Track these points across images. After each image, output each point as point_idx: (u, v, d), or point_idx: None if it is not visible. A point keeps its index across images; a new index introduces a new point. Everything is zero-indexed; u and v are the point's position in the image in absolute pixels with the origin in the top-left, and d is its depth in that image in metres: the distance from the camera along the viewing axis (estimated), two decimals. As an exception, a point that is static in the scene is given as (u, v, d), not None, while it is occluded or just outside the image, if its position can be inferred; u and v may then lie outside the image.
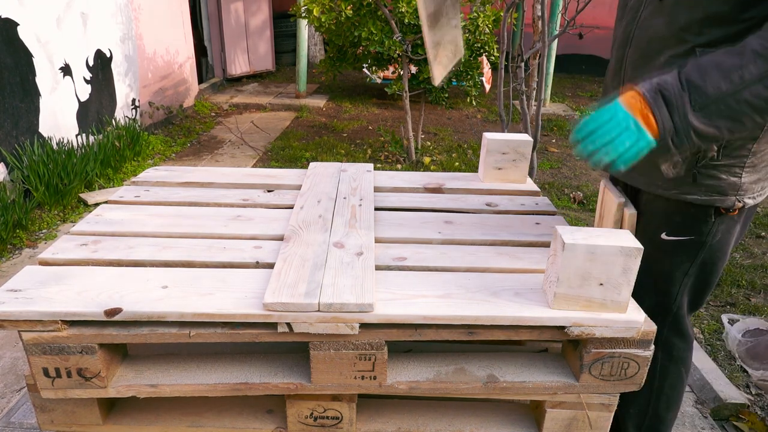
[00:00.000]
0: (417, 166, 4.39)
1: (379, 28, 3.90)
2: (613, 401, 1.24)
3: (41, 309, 1.08)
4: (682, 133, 0.97)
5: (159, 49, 5.30)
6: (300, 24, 6.13)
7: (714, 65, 0.94)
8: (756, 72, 0.91)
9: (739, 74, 0.92)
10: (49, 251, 1.31)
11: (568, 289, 1.08)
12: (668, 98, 0.96)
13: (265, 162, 4.57)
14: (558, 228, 1.10)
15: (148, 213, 1.53)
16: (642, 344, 1.15)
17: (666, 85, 0.97)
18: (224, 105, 6.37)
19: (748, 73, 0.91)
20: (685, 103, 0.95)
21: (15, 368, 2.05)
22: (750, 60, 0.91)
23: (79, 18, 4.00)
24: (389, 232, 1.46)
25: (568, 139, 5.49)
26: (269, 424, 1.28)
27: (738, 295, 2.67)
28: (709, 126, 0.95)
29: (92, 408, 1.23)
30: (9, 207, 3.03)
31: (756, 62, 0.91)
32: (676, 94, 0.96)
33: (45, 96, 3.63)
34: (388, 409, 1.34)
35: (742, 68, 0.92)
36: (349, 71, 7.33)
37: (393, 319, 1.10)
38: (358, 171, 1.85)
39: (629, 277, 1.07)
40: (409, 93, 4.27)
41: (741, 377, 2.12)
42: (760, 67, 0.91)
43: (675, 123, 0.96)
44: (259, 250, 1.34)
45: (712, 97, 0.94)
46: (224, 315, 1.10)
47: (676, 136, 0.97)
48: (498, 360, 1.27)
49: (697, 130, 0.96)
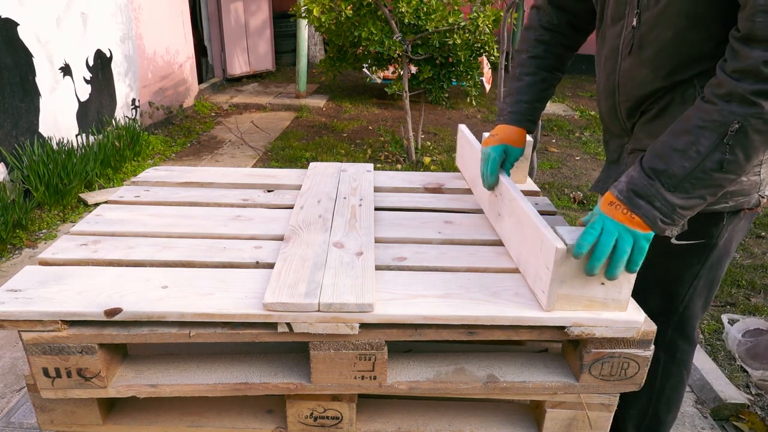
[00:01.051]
0: (417, 166, 4.39)
1: (379, 28, 3.90)
2: (613, 401, 1.24)
3: (41, 309, 1.08)
4: (669, 214, 1.01)
5: (159, 49, 5.30)
6: (300, 24, 6.13)
7: (670, 149, 1.00)
8: (708, 143, 0.96)
9: (695, 149, 0.97)
10: (49, 251, 1.31)
11: (570, 289, 1.08)
12: (641, 192, 1.02)
13: (265, 162, 4.57)
14: (558, 228, 1.10)
15: (148, 213, 1.53)
16: (642, 344, 1.15)
17: (635, 182, 1.03)
18: (224, 105, 6.37)
19: (703, 147, 0.97)
20: (659, 190, 1.00)
21: (15, 368, 2.05)
22: (698, 135, 0.97)
23: (79, 18, 4.00)
24: (389, 232, 1.46)
25: (568, 139, 5.49)
26: (269, 424, 1.28)
27: (738, 295, 2.67)
28: (690, 199, 1.00)
29: (92, 408, 1.23)
30: (9, 207, 3.03)
31: (704, 135, 0.96)
32: (647, 185, 1.01)
33: (45, 96, 3.63)
34: (388, 409, 1.33)
35: (695, 144, 0.97)
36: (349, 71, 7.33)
37: (393, 319, 1.10)
38: (358, 171, 1.85)
39: (629, 276, 1.07)
40: (409, 93, 4.27)
41: (741, 377, 2.12)
42: (709, 139, 0.96)
43: (659, 209, 1.01)
44: (259, 250, 1.34)
45: (680, 176, 0.99)
46: (224, 315, 1.10)
47: (666, 218, 1.01)
48: (498, 360, 1.27)
49: (682, 206, 1.01)
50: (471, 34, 3.97)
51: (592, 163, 4.82)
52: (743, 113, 0.93)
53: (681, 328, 1.37)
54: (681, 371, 1.42)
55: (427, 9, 3.94)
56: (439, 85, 4.32)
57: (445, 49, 4.03)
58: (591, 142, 5.39)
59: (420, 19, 3.93)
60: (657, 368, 1.40)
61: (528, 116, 1.47)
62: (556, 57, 1.45)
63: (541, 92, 1.46)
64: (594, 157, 4.98)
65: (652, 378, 1.39)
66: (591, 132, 5.71)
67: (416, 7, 3.90)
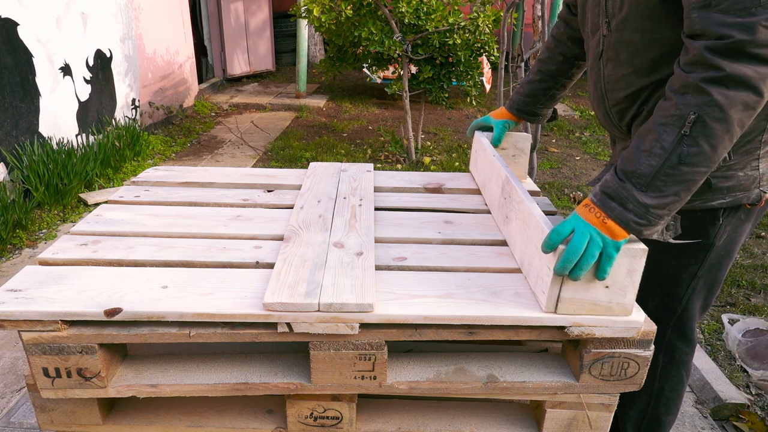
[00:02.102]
0: (417, 166, 4.39)
1: (379, 28, 3.90)
2: (613, 401, 1.24)
3: (41, 309, 1.08)
4: (643, 215, 1.01)
5: (159, 49, 5.30)
6: (300, 24, 6.13)
7: (637, 150, 1.02)
8: (670, 139, 0.98)
9: (660, 146, 0.98)
10: (49, 251, 1.31)
11: (574, 293, 1.08)
12: (612, 194, 1.02)
13: (265, 162, 4.57)
14: None
15: (148, 213, 1.53)
16: (642, 344, 1.15)
17: (607, 185, 1.04)
18: (224, 105, 6.37)
19: (666, 143, 0.98)
20: (630, 191, 1.00)
21: (15, 368, 2.05)
22: (661, 132, 0.99)
23: (79, 18, 4.00)
24: (389, 232, 1.46)
25: (568, 139, 5.49)
26: (269, 424, 1.28)
27: (738, 295, 2.67)
28: (663, 197, 1.00)
29: (92, 408, 1.23)
30: (9, 207, 3.03)
31: (665, 131, 0.98)
32: (618, 187, 1.02)
33: (45, 96, 3.63)
34: (388, 409, 1.33)
35: (659, 141, 0.99)
36: (349, 71, 7.33)
37: (393, 319, 1.10)
38: (358, 171, 1.85)
39: (634, 279, 1.06)
40: (409, 93, 4.27)
41: (741, 377, 2.12)
42: (671, 134, 0.98)
43: (632, 210, 1.00)
44: (259, 250, 1.34)
45: (649, 175, 0.99)
46: (224, 315, 1.10)
47: (640, 219, 1.01)
48: (498, 360, 1.27)
49: (655, 205, 1.00)
50: (471, 34, 3.97)
51: (592, 163, 4.83)
52: (697, 103, 0.95)
53: (680, 329, 1.37)
54: (680, 372, 1.42)
55: (427, 9, 3.94)
56: (439, 85, 4.32)
57: (445, 49, 4.03)
58: (591, 142, 5.39)
59: (420, 19, 3.93)
60: (656, 369, 1.40)
61: (517, 105, 1.66)
62: (557, 64, 1.59)
63: (538, 91, 1.63)
64: (594, 157, 4.98)
65: (651, 379, 1.39)
66: (591, 132, 5.71)
67: (416, 7, 3.89)
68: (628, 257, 1.04)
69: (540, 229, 1.15)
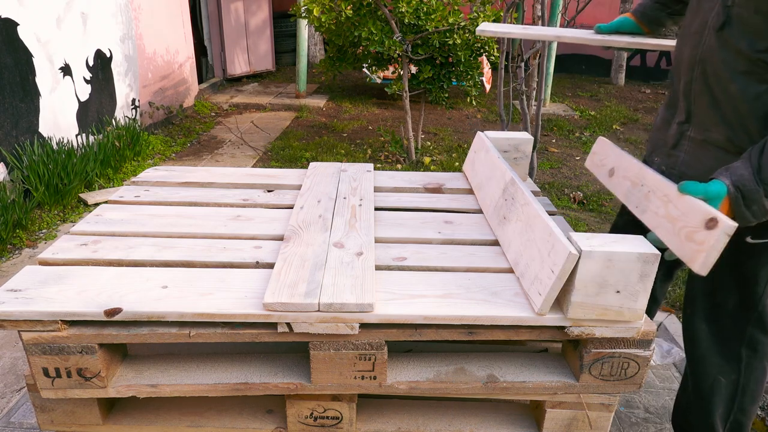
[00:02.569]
0: (417, 166, 4.39)
1: (379, 28, 3.90)
2: (613, 401, 1.24)
3: (41, 309, 1.08)
4: (759, 217, 1.12)
5: (159, 48, 5.30)
6: (300, 24, 6.13)
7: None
8: None
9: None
10: (49, 251, 1.31)
11: (585, 297, 1.08)
12: (746, 194, 1.11)
13: (265, 162, 4.57)
14: (573, 235, 1.09)
15: (148, 213, 1.53)
16: (642, 344, 1.15)
17: (744, 181, 1.11)
18: (224, 105, 6.37)
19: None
20: (761, 195, 1.10)
21: (15, 368, 2.05)
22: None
23: (79, 18, 4.00)
24: (389, 232, 1.46)
25: (568, 139, 5.49)
26: (269, 424, 1.28)
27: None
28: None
29: (92, 408, 1.23)
30: (9, 207, 3.03)
31: None
32: (754, 191, 1.10)
33: (45, 96, 3.63)
34: (388, 409, 1.33)
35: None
36: (349, 71, 7.33)
37: (393, 319, 1.10)
38: (358, 171, 1.85)
39: (646, 284, 1.06)
40: (409, 93, 4.27)
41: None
42: None
43: (753, 212, 1.11)
44: (259, 250, 1.34)
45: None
46: (224, 315, 1.10)
47: (753, 219, 1.12)
48: (498, 360, 1.27)
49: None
50: (471, 34, 3.97)
51: (592, 163, 4.81)
52: None
53: (760, 323, 1.39)
54: (763, 364, 1.44)
55: (427, 9, 3.94)
56: (439, 85, 4.32)
57: (445, 49, 4.03)
58: (591, 142, 5.39)
59: (420, 19, 3.93)
60: (740, 364, 1.42)
61: (643, 8, 1.61)
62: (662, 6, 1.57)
63: (665, 2, 1.58)
64: (594, 157, 4.97)
65: (736, 374, 1.42)
66: (591, 132, 5.71)
67: (416, 7, 3.89)
68: (640, 262, 1.04)
69: (547, 231, 1.14)
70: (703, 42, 1.26)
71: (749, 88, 1.18)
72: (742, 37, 1.17)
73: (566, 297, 1.09)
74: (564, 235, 1.10)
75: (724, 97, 1.22)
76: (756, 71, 1.16)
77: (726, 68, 1.21)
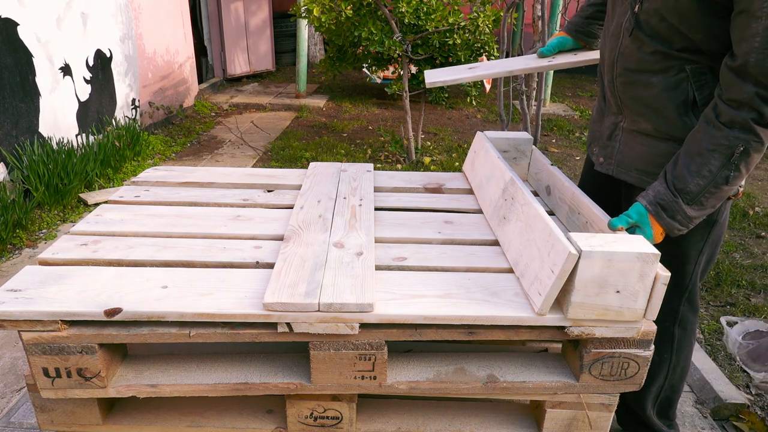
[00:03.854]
0: (417, 166, 4.39)
1: (379, 28, 3.90)
2: (613, 401, 1.24)
3: (41, 309, 1.08)
4: (685, 224, 1.22)
5: (159, 48, 5.30)
6: (300, 24, 6.13)
7: (686, 170, 1.19)
8: (718, 164, 1.16)
9: (708, 169, 1.17)
10: (49, 251, 1.31)
11: (585, 297, 1.08)
12: (666, 206, 1.21)
13: (265, 162, 4.57)
14: (573, 235, 1.09)
15: (148, 213, 1.53)
16: (642, 344, 1.15)
17: (661, 197, 1.22)
18: (224, 105, 6.37)
19: (713, 167, 1.16)
20: (680, 205, 1.20)
21: (15, 368, 2.05)
22: (709, 157, 1.16)
23: (79, 18, 4.00)
24: (389, 232, 1.46)
25: (568, 139, 5.49)
26: (269, 424, 1.28)
27: (738, 295, 2.67)
28: (703, 209, 1.21)
29: (92, 408, 1.23)
30: (9, 207, 3.03)
31: (714, 157, 1.16)
32: (671, 201, 1.20)
33: (45, 96, 3.63)
34: (388, 409, 1.34)
35: (707, 165, 1.16)
36: (349, 71, 7.33)
37: (393, 319, 1.10)
38: (358, 171, 1.85)
39: (646, 284, 1.06)
40: (409, 93, 4.27)
41: (741, 377, 2.12)
42: (718, 160, 1.16)
43: (679, 221, 1.21)
44: (259, 250, 1.34)
45: (695, 192, 1.19)
46: (224, 315, 1.10)
47: (681, 226, 1.22)
48: (498, 360, 1.27)
49: (695, 216, 1.21)
50: (471, 34, 3.96)
51: (592, 163, 4.81)
52: (745, 138, 1.13)
53: (690, 301, 1.45)
54: (691, 340, 1.51)
55: (427, 9, 3.94)
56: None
57: (445, 49, 4.03)
58: (591, 142, 5.37)
59: (420, 19, 3.93)
60: (672, 343, 1.48)
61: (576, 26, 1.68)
62: None
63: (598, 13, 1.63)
64: (594, 157, 4.97)
65: (668, 353, 1.48)
66: (591, 132, 5.70)
67: (416, 7, 3.89)
68: (640, 262, 1.04)
69: (547, 231, 1.14)
70: (620, 43, 1.34)
71: (668, 79, 1.26)
72: (654, 39, 1.25)
73: (566, 297, 1.09)
74: (564, 235, 1.10)
75: (645, 90, 1.30)
76: (672, 65, 1.25)
77: (644, 65, 1.29)
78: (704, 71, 1.23)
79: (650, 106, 1.31)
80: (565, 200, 1.48)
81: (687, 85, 1.24)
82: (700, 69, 1.23)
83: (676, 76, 1.25)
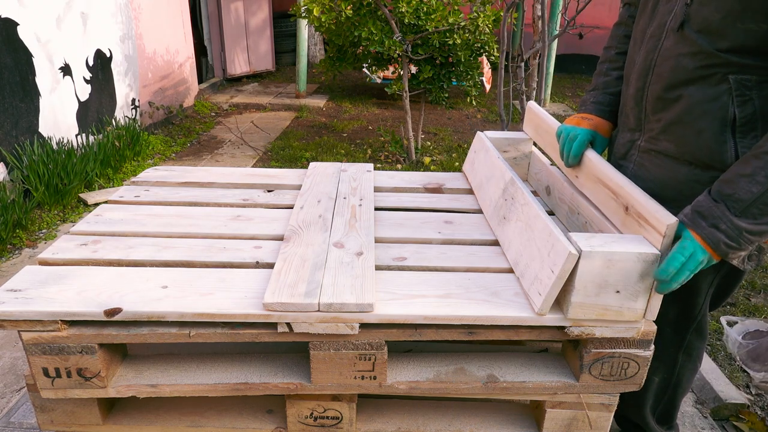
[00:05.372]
0: (417, 166, 4.39)
1: (379, 28, 3.90)
2: (613, 401, 1.24)
3: (41, 309, 1.08)
4: (735, 237, 1.02)
5: (159, 48, 5.30)
6: (300, 24, 6.13)
7: (737, 175, 1.02)
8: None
9: (764, 174, 0.99)
10: (49, 251, 1.31)
11: (585, 297, 1.08)
12: (705, 213, 1.04)
13: (265, 162, 4.57)
14: (573, 235, 1.09)
15: (148, 213, 1.53)
16: (642, 344, 1.15)
17: (699, 204, 1.05)
18: (224, 105, 6.37)
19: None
20: (724, 212, 1.02)
21: (15, 368, 2.05)
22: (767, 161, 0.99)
23: (79, 18, 3.99)
24: (389, 232, 1.46)
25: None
26: (269, 424, 1.28)
27: (738, 295, 2.67)
28: (758, 225, 1.01)
29: (92, 408, 1.23)
30: (9, 207, 3.03)
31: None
32: (711, 207, 1.03)
33: (45, 96, 3.63)
34: (388, 409, 1.34)
35: (764, 168, 0.99)
36: (349, 71, 7.33)
37: (393, 319, 1.10)
38: (358, 171, 1.85)
39: (646, 284, 1.06)
40: (409, 93, 4.27)
41: (741, 377, 2.12)
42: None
43: (723, 231, 1.02)
44: (259, 250, 1.34)
45: (747, 201, 1.00)
46: (224, 315, 1.10)
47: (731, 241, 1.02)
48: (498, 360, 1.27)
49: (749, 230, 1.01)
50: (471, 34, 3.96)
51: (592, 163, 4.81)
52: None
53: (698, 331, 1.40)
54: (696, 364, 1.47)
55: (427, 9, 3.94)
56: (439, 85, 4.32)
57: (445, 49, 4.03)
58: (591, 142, 5.37)
59: (420, 19, 3.93)
60: (675, 367, 1.44)
61: (614, 109, 1.44)
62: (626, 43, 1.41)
63: None
64: (594, 157, 4.97)
65: (669, 374, 1.44)
66: (591, 132, 5.70)
67: (416, 7, 3.89)
68: (640, 262, 1.04)
69: (547, 231, 1.14)
70: (660, 45, 1.20)
71: (706, 90, 1.12)
72: (702, 36, 1.11)
73: (566, 297, 1.10)
74: (564, 234, 1.10)
75: (677, 101, 1.17)
76: (715, 72, 1.11)
77: (682, 71, 1.15)
78: (749, 85, 1.08)
79: (680, 121, 1.16)
80: (565, 200, 1.47)
81: (727, 99, 1.09)
82: (745, 81, 1.08)
83: (717, 87, 1.10)
